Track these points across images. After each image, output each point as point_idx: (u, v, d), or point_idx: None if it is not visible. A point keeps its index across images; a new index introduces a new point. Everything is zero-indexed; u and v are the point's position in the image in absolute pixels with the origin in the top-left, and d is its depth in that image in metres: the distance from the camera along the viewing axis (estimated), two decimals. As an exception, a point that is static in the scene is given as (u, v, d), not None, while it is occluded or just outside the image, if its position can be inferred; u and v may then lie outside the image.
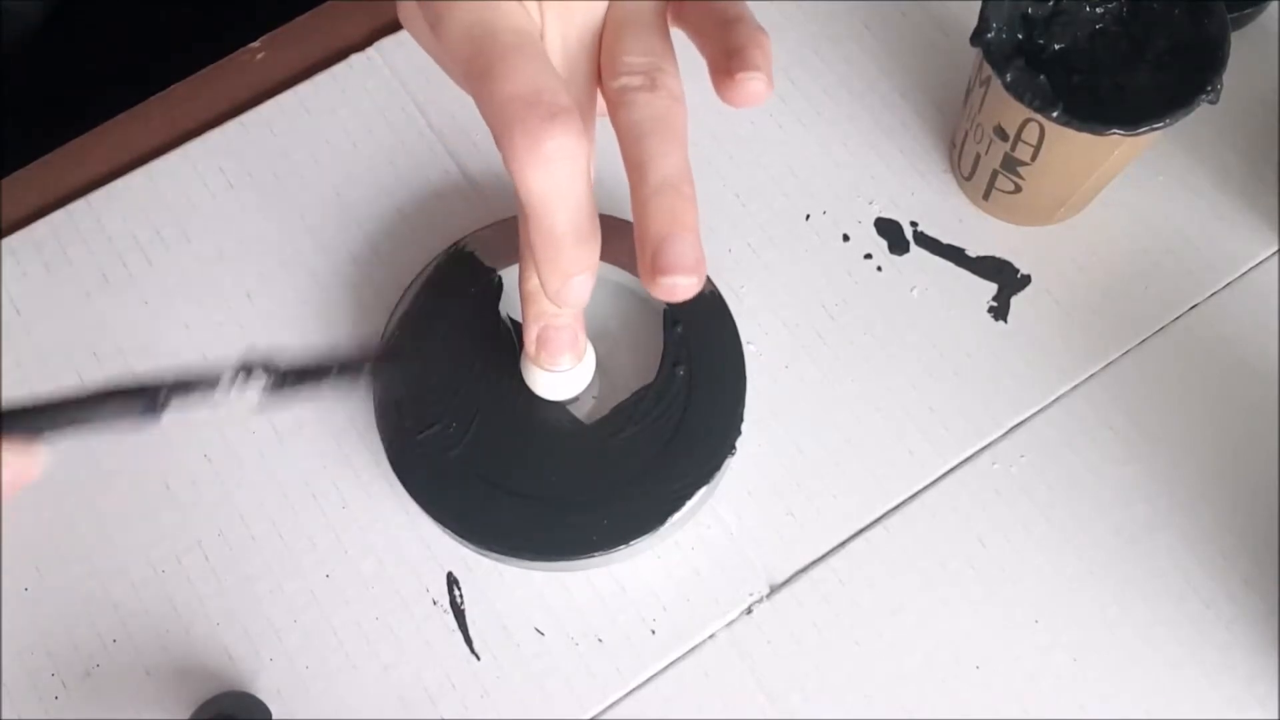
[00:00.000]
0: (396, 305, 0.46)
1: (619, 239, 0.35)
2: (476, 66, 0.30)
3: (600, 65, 0.33)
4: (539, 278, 0.32)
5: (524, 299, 0.38)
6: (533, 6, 0.32)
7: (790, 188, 0.50)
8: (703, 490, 0.42)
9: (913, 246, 0.49)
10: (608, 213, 0.36)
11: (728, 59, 0.31)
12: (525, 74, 0.29)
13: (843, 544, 0.44)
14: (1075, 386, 0.47)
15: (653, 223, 0.30)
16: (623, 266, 0.45)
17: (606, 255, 0.36)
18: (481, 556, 0.44)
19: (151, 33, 0.59)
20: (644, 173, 0.31)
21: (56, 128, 0.52)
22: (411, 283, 0.46)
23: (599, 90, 0.34)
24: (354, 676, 0.43)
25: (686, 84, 0.33)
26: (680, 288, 0.30)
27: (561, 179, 0.29)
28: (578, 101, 0.32)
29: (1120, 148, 0.42)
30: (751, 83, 0.30)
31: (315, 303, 0.49)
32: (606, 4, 0.33)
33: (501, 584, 0.44)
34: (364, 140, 0.52)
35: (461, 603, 0.44)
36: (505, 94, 0.29)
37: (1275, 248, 0.49)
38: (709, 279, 0.45)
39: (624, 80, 0.32)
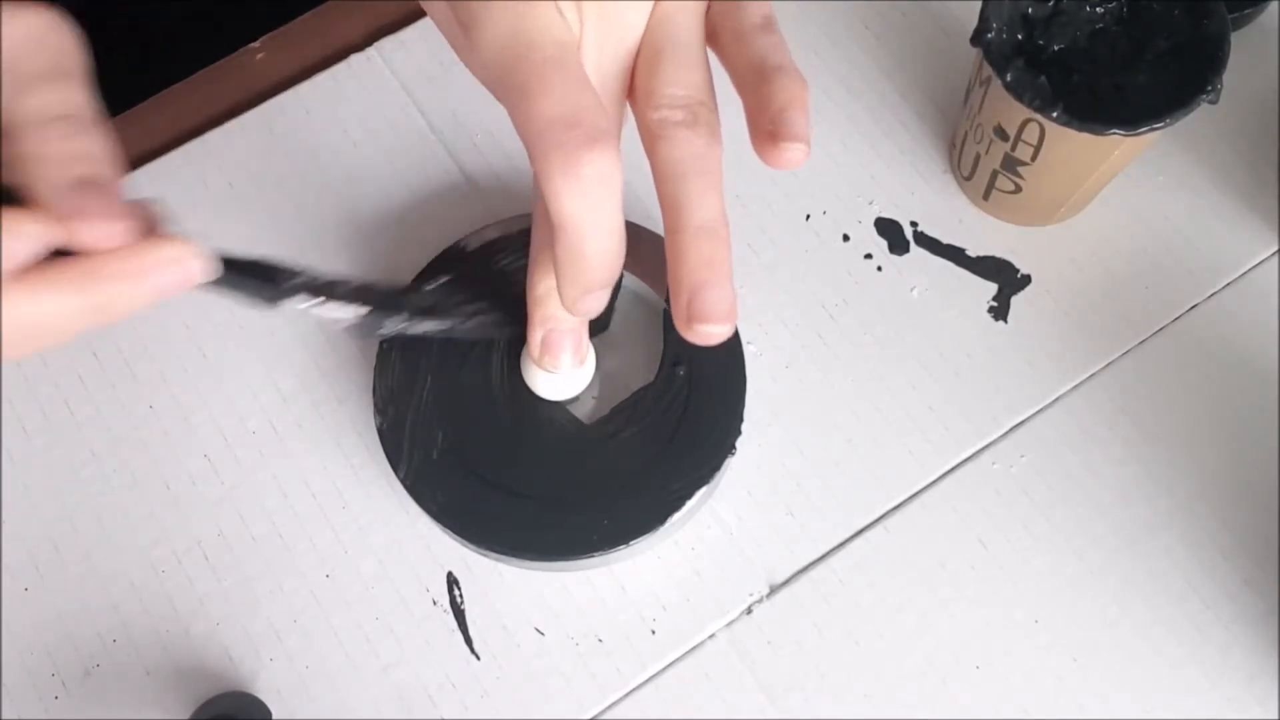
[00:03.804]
0: (396, 305, 0.46)
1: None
2: (514, 81, 0.29)
3: (635, 88, 0.32)
4: (558, 286, 0.32)
5: (532, 301, 0.37)
6: (573, 18, 0.30)
7: (790, 188, 0.50)
8: (703, 490, 0.42)
9: (913, 246, 0.49)
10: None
11: (770, 121, 0.30)
12: (566, 93, 0.28)
13: (843, 544, 0.44)
14: (1075, 386, 0.47)
15: (689, 269, 0.30)
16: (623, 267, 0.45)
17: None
18: (481, 556, 0.44)
19: (151, 33, 0.59)
20: (683, 214, 0.30)
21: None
22: (411, 282, 0.46)
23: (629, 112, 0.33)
24: (354, 676, 0.43)
25: None
26: (715, 335, 0.30)
27: (596, 202, 0.29)
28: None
29: (1120, 148, 0.42)
30: (794, 152, 0.30)
31: (315, 303, 0.49)
32: (644, 23, 0.32)
33: (501, 584, 0.44)
34: (364, 140, 0.52)
35: (461, 603, 0.44)
36: (545, 114, 0.28)
37: (1275, 248, 0.49)
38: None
39: (665, 114, 0.31)
